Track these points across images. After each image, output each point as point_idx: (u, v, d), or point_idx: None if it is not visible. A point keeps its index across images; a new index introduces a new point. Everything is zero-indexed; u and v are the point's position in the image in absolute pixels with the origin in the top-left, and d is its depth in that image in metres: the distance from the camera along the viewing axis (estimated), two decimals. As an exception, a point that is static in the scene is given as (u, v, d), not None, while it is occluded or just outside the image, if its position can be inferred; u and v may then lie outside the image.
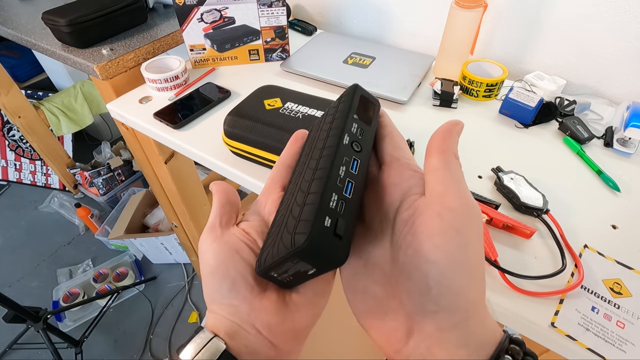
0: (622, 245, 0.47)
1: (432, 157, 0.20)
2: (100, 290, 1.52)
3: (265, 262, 0.20)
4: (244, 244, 0.23)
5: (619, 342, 0.38)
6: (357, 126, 0.22)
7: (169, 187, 0.99)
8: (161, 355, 1.40)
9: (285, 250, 0.17)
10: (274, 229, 0.21)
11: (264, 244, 0.22)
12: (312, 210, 0.17)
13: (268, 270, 0.20)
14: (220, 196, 0.25)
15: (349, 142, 0.21)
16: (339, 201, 0.18)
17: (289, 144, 0.28)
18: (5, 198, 1.98)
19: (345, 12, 0.96)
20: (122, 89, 0.78)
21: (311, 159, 0.22)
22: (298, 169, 0.24)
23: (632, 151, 0.60)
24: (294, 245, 0.16)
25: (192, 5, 0.73)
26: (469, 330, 0.17)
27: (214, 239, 0.23)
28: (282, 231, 0.19)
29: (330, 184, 0.18)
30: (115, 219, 1.62)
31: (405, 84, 0.73)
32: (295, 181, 0.23)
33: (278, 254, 0.18)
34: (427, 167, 0.20)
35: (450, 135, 0.20)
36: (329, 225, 0.17)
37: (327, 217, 0.17)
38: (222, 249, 0.23)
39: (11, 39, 0.91)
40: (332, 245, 0.17)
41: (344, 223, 0.17)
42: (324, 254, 0.17)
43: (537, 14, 0.71)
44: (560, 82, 0.71)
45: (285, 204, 0.22)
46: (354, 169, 0.20)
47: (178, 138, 0.65)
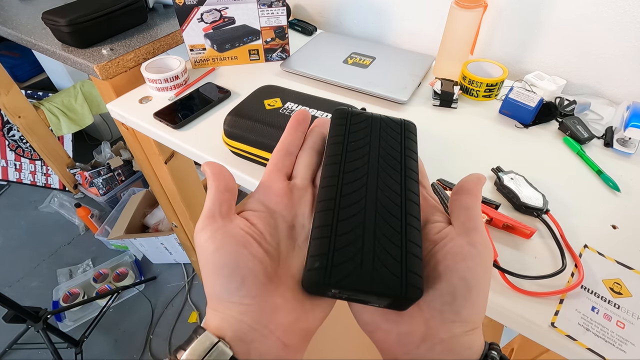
0: (622, 245, 0.47)
1: (464, 195, 0.23)
2: (100, 290, 1.52)
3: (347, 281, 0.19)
4: (251, 238, 0.21)
5: (619, 342, 0.38)
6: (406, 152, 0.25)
7: (169, 187, 0.99)
8: (161, 355, 1.40)
9: (389, 290, 0.18)
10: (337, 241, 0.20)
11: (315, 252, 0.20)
12: (419, 265, 0.19)
13: (343, 287, 0.19)
14: (218, 180, 0.23)
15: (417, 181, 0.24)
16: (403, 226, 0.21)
17: (290, 129, 0.26)
18: (5, 198, 1.98)
19: (345, 12, 0.96)
20: (122, 89, 0.78)
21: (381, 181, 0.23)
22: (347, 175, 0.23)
23: (632, 151, 0.60)
24: (406, 294, 0.18)
25: (192, 5, 0.73)
26: (473, 338, 0.20)
27: (215, 230, 0.21)
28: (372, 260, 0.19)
29: (419, 234, 0.21)
30: (115, 219, 1.62)
31: (405, 84, 0.73)
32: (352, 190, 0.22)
33: (373, 285, 0.19)
34: (459, 203, 0.23)
35: (480, 183, 0.24)
36: (422, 277, 0.19)
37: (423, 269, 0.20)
38: (228, 242, 0.21)
39: (11, 39, 0.91)
40: (421, 293, 0.19)
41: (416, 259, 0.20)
42: (415, 301, 0.19)
43: (537, 14, 0.71)
44: (560, 82, 0.71)
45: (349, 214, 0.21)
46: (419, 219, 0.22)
47: (178, 138, 0.65)
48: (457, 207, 0.23)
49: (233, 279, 0.20)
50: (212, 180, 0.23)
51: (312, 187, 0.25)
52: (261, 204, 0.24)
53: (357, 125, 0.26)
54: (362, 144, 0.25)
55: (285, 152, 0.26)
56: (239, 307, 0.20)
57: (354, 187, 0.22)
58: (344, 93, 0.75)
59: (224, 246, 0.21)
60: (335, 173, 0.23)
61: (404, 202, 0.22)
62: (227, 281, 0.20)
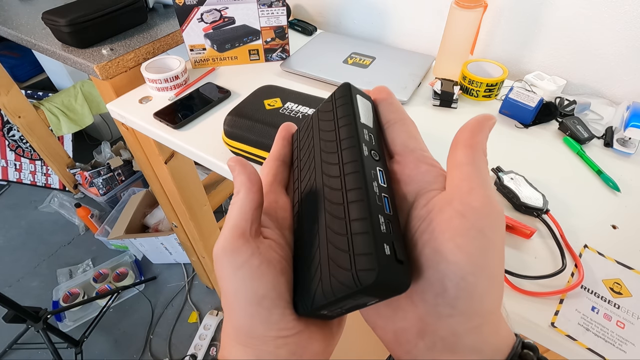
0: (622, 245, 0.47)
1: (458, 151, 0.18)
2: (100, 290, 1.52)
3: (316, 302, 0.17)
4: (284, 261, 0.19)
5: (619, 342, 0.38)
6: (367, 132, 0.20)
7: (169, 187, 0.99)
8: (161, 355, 1.40)
9: (347, 289, 0.16)
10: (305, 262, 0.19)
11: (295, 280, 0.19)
12: (368, 240, 0.16)
13: (318, 310, 0.18)
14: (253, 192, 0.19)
15: (368, 152, 0.19)
16: (386, 222, 0.17)
17: (280, 141, 0.25)
18: (5, 198, 1.98)
19: (345, 12, 0.96)
20: (122, 89, 0.78)
21: (325, 175, 0.20)
22: (303, 184, 0.22)
23: (632, 151, 0.60)
24: (361, 284, 0.15)
25: (192, 5, 0.73)
26: (483, 336, 0.16)
27: (251, 255, 0.18)
28: (329, 266, 0.17)
29: (373, 206, 0.17)
30: (115, 219, 1.62)
31: (405, 84, 0.73)
32: (307, 202, 0.20)
33: (335, 293, 0.16)
34: (452, 161, 0.18)
35: (481, 130, 0.19)
36: (390, 253, 0.16)
37: (385, 245, 0.16)
38: (266, 270, 0.18)
39: (11, 39, 0.91)
40: (399, 273, 0.16)
41: (400, 245, 0.16)
42: (392, 285, 0.16)
43: (537, 14, 0.71)
44: (560, 82, 0.71)
45: (309, 230, 0.20)
46: (382, 181, 0.18)
47: (178, 138, 0.65)
48: (450, 165, 0.19)
49: (274, 311, 0.18)
50: (246, 189, 0.19)
51: None
52: (270, 220, 0.21)
53: (303, 132, 0.24)
54: (305, 150, 0.23)
55: (283, 163, 0.24)
56: (276, 341, 0.18)
57: (309, 200, 0.21)
58: (344, 93, 0.75)
59: (263, 274, 0.18)
60: (297, 198, 0.22)
61: (344, 182, 0.18)
62: (267, 314, 0.18)
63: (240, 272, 0.18)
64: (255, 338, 0.18)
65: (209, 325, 1.44)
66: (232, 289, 0.18)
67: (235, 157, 0.21)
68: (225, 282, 0.18)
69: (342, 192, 0.18)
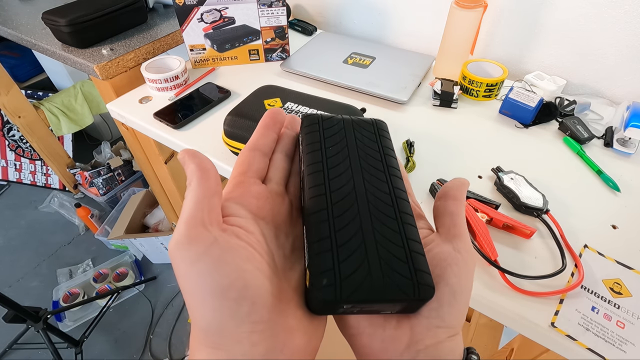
0: (622, 245, 0.47)
1: (449, 201, 0.23)
2: (100, 290, 1.52)
3: (357, 295, 0.17)
4: (253, 250, 0.18)
5: (619, 342, 0.38)
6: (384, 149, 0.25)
7: (169, 187, 0.99)
8: (161, 355, 1.40)
9: (403, 295, 0.18)
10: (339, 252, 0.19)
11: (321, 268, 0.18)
12: (425, 262, 0.19)
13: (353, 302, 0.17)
14: (205, 178, 0.19)
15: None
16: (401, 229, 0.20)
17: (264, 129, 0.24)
18: (5, 198, 1.98)
19: (345, 12, 0.96)
20: (122, 89, 0.78)
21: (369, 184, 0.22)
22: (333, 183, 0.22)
23: (632, 151, 0.60)
24: (419, 294, 0.18)
25: (192, 5, 0.73)
26: (456, 342, 0.20)
27: (210, 244, 0.17)
28: (381, 266, 0.18)
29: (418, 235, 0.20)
30: (115, 219, 1.61)
31: (405, 84, 0.73)
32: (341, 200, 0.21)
33: (386, 293, 0.18)
34: (444, 209, 0.23)
35: (464, 188, 0.24)
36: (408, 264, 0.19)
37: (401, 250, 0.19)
38: (229, 258, 0.17)
39: (11, 39, 0.91)
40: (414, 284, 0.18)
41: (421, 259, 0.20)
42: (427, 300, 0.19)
43: (537, 14, 0.71)
44: (560, 82, 0.71)
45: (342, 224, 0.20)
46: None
47: (178, 138, 0.65)
48: (442, 212, 0.23)
49: (242, 303, 0.16)
50: (197, 178, 0.19)
51: (287, 193, 0.23)
52: (242, 209, 0.20)
53: (330, 129, 0.25)
54: (339, 147, 0.24)
55: (260, 153, 0.23)
56: (250, 338, 0.16)
57: (343, 194, 0.21)
58: (344, 93, 0.75)
59: (225, 263, 0.17)
60: (321, 181, 0.22)
61: (395, 201, 0.21)
62: (235, 306, 0.16)
63: (198, 265, 0.16)
64: (226, 337, 0.16)
65: (209, 325, 1.44)
66: (191, 285, 0.16)
67: (186, 149, 0.20)
68: (183, 280, 0.17)
69: (394, 210, 0.21)
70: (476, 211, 0.48)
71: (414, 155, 0.60)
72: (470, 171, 0.57)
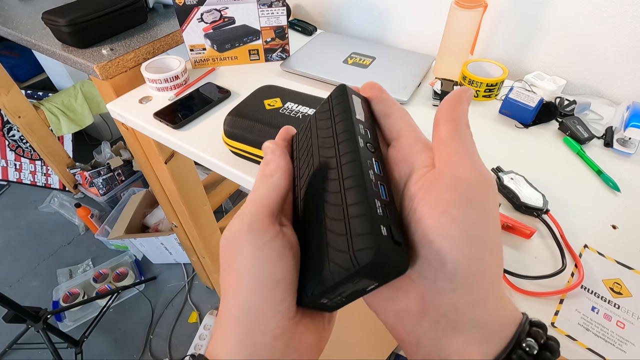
0: (622, 245, 0.47)
1: (441, 127, 0.18)
2: (100, 290, 1.52)
3: (317, 290, 0.17)
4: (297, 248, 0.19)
5: (619, 342, 0.38)
6: (362, 127, 0.21)
7: (169, 187, 0.99)
8: (161, 355, 1.40)
9: (346, 272, 0.16)
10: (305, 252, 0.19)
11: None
12: (365, 221, 0.16)
13: (319, 298, 0.18)
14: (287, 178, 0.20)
15: (364, 144, 0.20)
16: (382, 206, 0.17)
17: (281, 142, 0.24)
18: (5, 198, 1.98)
19: (345, 12, 0.96)
20: (122, 89, 0.78)
21: (322, 168, 0.20)
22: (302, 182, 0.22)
23: (632, 151, 0.60)
24: (358, 264, 0.15)
25: (192, 5, 0.73)
26: (487, 309, 0.16)
27: (275, 235, 0.18)
28: (328, 252, 0.17)
29: (369, 190, 0.17)
30: (115, 219, 1.62)
31: (405, 83, 0.73)
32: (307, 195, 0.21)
33: (333, 277, 0.16)
34: (437, 138, 0.18)
35: (459, 103, 0.19)
36: (387, 234, 0.16)
37: (382, 226, 0.16)
38: (288, 252, 0.18)
39: (11, 39, 0.91)
40: (396, 253, 0.16)
41: (397, 228, 0.17)
42: (391, 266, 0.16)
43: (537, 14, 0.71)
44: (560, 82, 0.71)
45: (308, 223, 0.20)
46: (378, 171, 0.19)
47: (178, 138, 0.65)
48: (436, 143, 0.18)
49: (286, 297, 0.18)
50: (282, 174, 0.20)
51: None
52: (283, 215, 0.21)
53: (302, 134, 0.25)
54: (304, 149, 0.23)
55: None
56: (274, 331, 0.18)
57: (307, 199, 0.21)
58: (344, 93, 0.75)
59: (283, 257, 0.18)
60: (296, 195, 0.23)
61: (340, 171, 0.19)
62: (280, 298, 0.18)
63: (262, 252, 0.17)
64: (259, 324, 0.17)
65: (209, 325, 1.44)
66: (248, 268, 0.17)
67: (274, 142, 0.21)
68: (242, 260, 0.18)
69: (339, 182, 0.18)
70: (476, 211, 0.48)
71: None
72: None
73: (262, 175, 0.20)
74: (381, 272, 0.16)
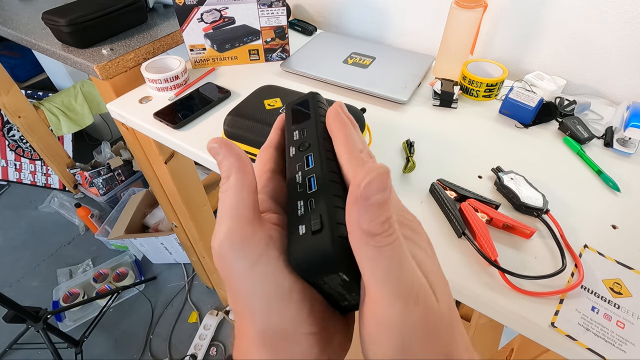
0: (622, 245, 0.47)
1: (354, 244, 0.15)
2: (100, 290, 1.52)
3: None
4: None
5: (619, 342, 0.38)
6: (298, 131, 0.22)
7: (169, 187, 0.99)
8: (161, 355, 1.40)
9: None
10: None
11: None
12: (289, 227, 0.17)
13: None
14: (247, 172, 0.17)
15: (296, 150, 0.21)
16: (307, 203, 0.17)
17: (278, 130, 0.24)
18: (5, 198, 1.98)
19: (345, 12, 0.96)
20: (122, 89, 0.78)
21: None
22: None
23: (632, 151, 0.60)
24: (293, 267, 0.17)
25: (192, 5, 0.73)
26: None
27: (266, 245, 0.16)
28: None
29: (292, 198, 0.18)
30: (115, 219, 1.62)
31: (405, 84, 0.73)
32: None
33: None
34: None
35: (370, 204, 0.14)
36: (305, 231, 0.16)
37: (300, 226, 0.16)
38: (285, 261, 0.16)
39: (11, 39, 0.91)
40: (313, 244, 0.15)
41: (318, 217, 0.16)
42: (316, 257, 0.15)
43: (538, 14, 0.71)
44: (560, 82, 0.71)
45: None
46: (310, 165, 0.19)
47: (178, 138, 0.65)
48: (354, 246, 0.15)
49: (305, 304, 0.16)
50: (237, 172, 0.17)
51: None
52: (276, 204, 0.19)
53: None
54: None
55: (279, 152, 0.23)
56: (308, 339, 0.16)
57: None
58: (344, 93, 0.75)
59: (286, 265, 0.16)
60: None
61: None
62: (298, 308, 0.16)
63: (258, 268, 0.15)
64: (286, 339, 0.16)
65: (209, 325, 1.44)
66: (250, 288, 0.16)
67: (217, 138, 0.17)
68: (239, 281, 0.16)
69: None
70: (476, 211, 0.48)
71: (414, 155, 0.60)
72: (470, 171, 0.57)
73: (222, 182, 0.18)
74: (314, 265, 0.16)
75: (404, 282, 0.14)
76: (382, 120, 0.68)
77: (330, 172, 0.18)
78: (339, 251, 0.15)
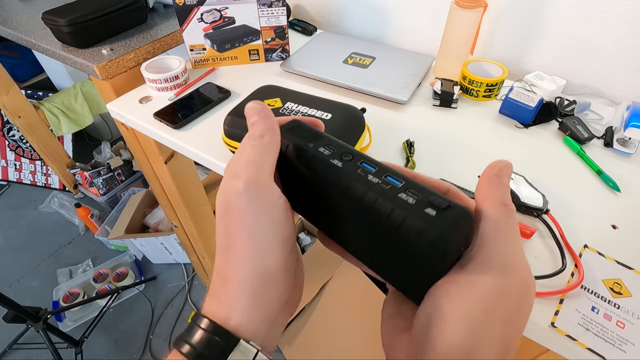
0: (622, 245, 0.47)
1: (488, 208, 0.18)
2: (100, 290, 1.52)
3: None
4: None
5: (619, 342, 0.38)
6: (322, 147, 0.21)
7: (169, 187, 0.99)
8: (161, 355, 1.39)
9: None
10: None
11: None
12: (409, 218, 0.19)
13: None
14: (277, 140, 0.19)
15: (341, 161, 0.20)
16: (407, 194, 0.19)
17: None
18: (5, 198, 1.98)
19: (345, 12, 0.96)
20: (122, 89, 0.78)
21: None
22: None
23: (632, 151, 0.60)
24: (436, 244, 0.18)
25: (192, 5, 0.73)
26: None
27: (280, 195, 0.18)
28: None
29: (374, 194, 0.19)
30: (115, 219, 1.61)
31: (405, 84, 0.73)
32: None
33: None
34: (484, 223, 0.18)
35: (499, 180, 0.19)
36: (437, 212, 0.18)
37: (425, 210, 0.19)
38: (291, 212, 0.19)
39: (11, 39, 0.91)
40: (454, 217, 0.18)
41: (437, 198, 0.18)
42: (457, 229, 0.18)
43: (538, 14, 0.71)
44: (560, 82, 0.71)
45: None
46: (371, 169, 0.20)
47: (178, 138, 0.65)
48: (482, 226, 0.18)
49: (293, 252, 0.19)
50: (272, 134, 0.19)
51: None
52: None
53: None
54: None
55: None
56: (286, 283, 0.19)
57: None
58: (344, 93, 0.75)
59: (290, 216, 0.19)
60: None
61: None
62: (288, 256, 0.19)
63: (274, 212, 0.18)
64: (272, 282, 0.18)
65: (209, 325, 1.44)
66: (263, 230, 0.17)
67: (259, 102, 0.20)
68: (254, 221, 0.17)
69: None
70: (476, 211, 0.48)
71: (414, 155, 0.60)
72: (470, 171, 0.57)
73: (252, 136, 0.19)
74: (456, 235, 0.18)
75: (522, 254, 0.17)
76: (382, 120, 0.68)
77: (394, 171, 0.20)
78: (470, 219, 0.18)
